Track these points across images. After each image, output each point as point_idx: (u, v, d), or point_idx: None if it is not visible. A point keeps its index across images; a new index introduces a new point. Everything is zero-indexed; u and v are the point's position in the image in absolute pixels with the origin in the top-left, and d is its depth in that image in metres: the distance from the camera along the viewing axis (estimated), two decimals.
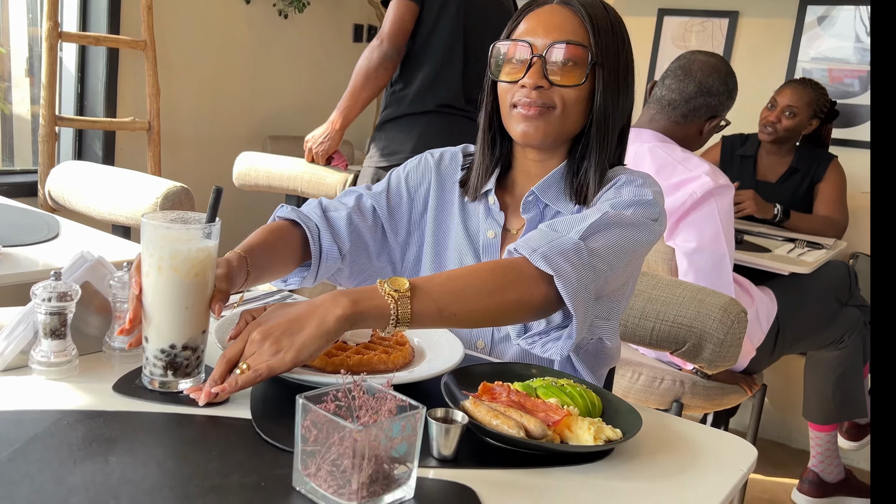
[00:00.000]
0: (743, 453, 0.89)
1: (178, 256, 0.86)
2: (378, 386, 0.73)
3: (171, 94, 3.23)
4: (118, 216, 1.80)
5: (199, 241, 0.87)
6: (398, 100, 2.35)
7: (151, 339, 0.88)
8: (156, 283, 0.87)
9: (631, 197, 1.09)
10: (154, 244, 0.86)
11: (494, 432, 0.81)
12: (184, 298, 0.87)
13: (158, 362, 0.88)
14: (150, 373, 0.89)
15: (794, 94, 2.95)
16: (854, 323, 2.59)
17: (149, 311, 0.88)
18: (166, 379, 0.89)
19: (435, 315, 0.92)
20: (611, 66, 1.11)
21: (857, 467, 3.00)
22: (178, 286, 0.86)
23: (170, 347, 0.88)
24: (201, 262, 0.87)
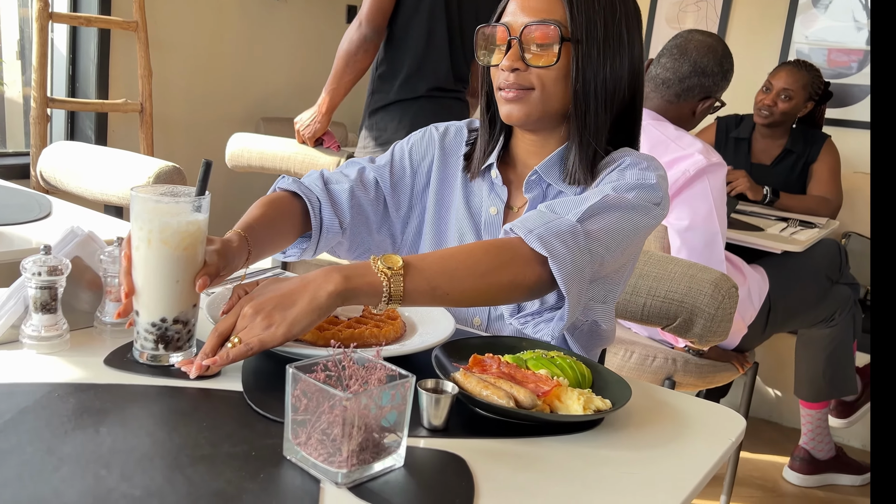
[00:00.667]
0: (732, 423, 0.89)
1: (168, 230, 0.86)
2: (368, 356, 0.74)
3: (164, 75, 3.22)
4: (110, 196, 1.80)
5: (188, 215, 0.87)
6: (386, 86, 2.32)
7: (142, 312, 0.89)
8: (146, 256, 0.87)
9: (634, 180, 1.09)
10: (143, 217, 0.86)
11: (484, 402, 0.81)
12: (174, 272, 0.87)
13: (149, 336, 0.89)
14: (140, 346, 0.90)
15: (790, 77, 2.95)
16: (844, 301, 2.60)
17: (139, 285, 0.88)
18: (157, 352, 0.89)
19: (427, 293, 0.92)
20: (592, 41, 1.09)
21: (847, 444, 3.03)
22: (168, 259, 0.87)
23: (160, 321, 0.88)
24: (191, 235, 0.87)
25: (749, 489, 2.71)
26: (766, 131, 3.06)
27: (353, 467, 0.68)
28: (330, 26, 4.18)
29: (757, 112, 3.00)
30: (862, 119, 3.52)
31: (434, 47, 2.28)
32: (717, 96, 2.13)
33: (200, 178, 0.91)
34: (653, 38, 3.95)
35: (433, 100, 2.30)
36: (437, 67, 2.29)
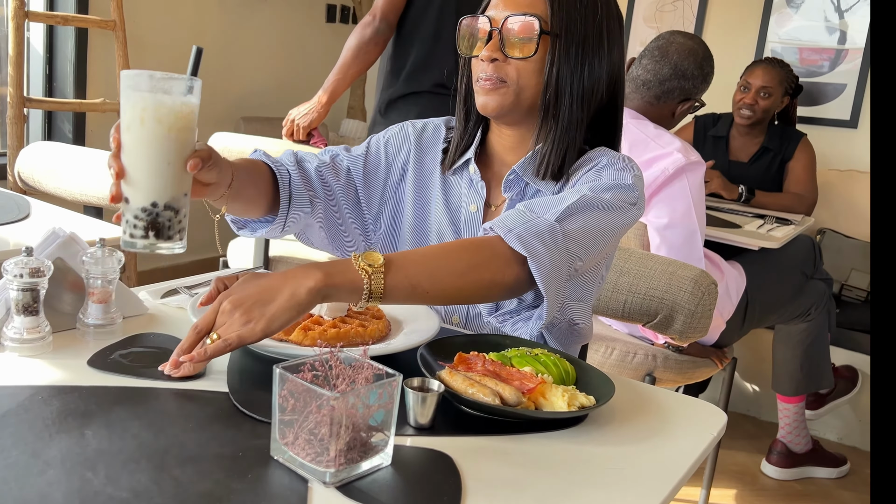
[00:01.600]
0: (713, 418, 0.91)
1: (163, 108, 0.82)
2: (355, 355, 0.74)
3: None
4: (90, 197, 1.78)
5: (182, 95, 0.84)
6: (394, 80, 2.35)
7: (132, 198, 0.84)
8: (138, 136, 0.82)
9: (610, 180, 1.10)
10: (136, 95, 0.82)
11: (470, 400, 0.82)
12: (166, 153, 0.83)
13: (139, 223, 0.84)
14: (130, 236, 0.85)
15: (767, 75, 2.99)
16: (819, 296, 2.64)
17: (129, 169, 0.83)
18: (147, 241, 0.85)
19: (408, 291, 0.92)
20: (571, 36, 1.10)
21: (823, 437, 3.08)
22: (161, 140, 0.82)
23: (151, 206, 0.84)
24: (185, 116, 0.84)
25: (728, 483, 2.74)
26: (743, 129, 3.09)
27: (340, 467, 0.68)
28: (310, 26, 4.17)
29: (737, 112, 3.03)
30: (834, 117, 3.58)
31: (441, 45, 2.30)
32: (696, 98, 2.16)
33: (192, 63, 0.88)
34: (630, 37, 3.98)
35: (438, 97, 2.32)
36: (443, 64, 2.30)
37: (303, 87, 4.16)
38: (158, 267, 3.56)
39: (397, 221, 1.28)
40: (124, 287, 1.04)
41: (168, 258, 3.65)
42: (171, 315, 1.08)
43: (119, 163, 0.85)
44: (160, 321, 1.06)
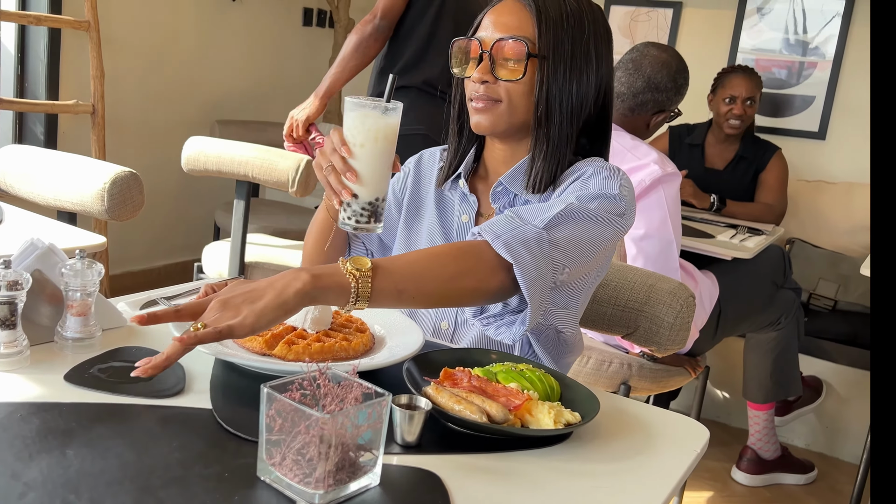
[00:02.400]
0: (695, 434, 0.92)
1: (388, 129, 1.04)
2: (343, 374, 0.74)
3: (116, 76, 3.15)
4: (64, 202, 1.75)
5: (397, 118, 1.06)
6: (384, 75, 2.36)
7: (361, 195, 1.05)
8: (372, 150, 1.04)
9: (596, 190, 1.11)
10: (370, 120, 1.04)
11: (457, 417, 0.82)
12: (387, 161, 1.06)
13: (365, 212, 1.06)
14: (356, 222, 1.06)
15: (749, 84, 3.04)
16: (789, 305, 2.69)
17: (363, 174, 1.05)
18: (370, 225, 1.06)
19: (394, 295, 0.93)
20: (558, 57, 1.13)
21: (791, 444, 3.13)
22: (387, 152, 1.05)
23: (375, 200, 1.06)
24: (395, 133, 1.07)
25: (699, 489, 2.77)
26: (719, 137, 3.14)
27: (329, 488, 0.67)
28: (286, 29, 4.15)
29: (725, 124, 3.06)
30: (802, 129, 3.65)
31: (434, 46, 2.37)
32: (670, 110, 2.18)
33: (389, 92, 1.08)
34: None
35: (425, 95, 2.37)
36: (434, 64, 2.36)
37: (279, 91, 4.14)
38: (129, 271, 3.51)
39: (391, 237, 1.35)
40: (103, 299, 1.02)
41: (141, 263, 3.60)
42: (151, 328, 1.06)
43: (353, 169, 1.03)
44: (140, 334, 1.04)
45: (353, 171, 1.04)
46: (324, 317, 1.02)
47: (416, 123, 2.34)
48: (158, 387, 0.87)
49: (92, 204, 1.71)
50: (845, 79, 3.57)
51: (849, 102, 3.57)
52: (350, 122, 1.05)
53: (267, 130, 3.93)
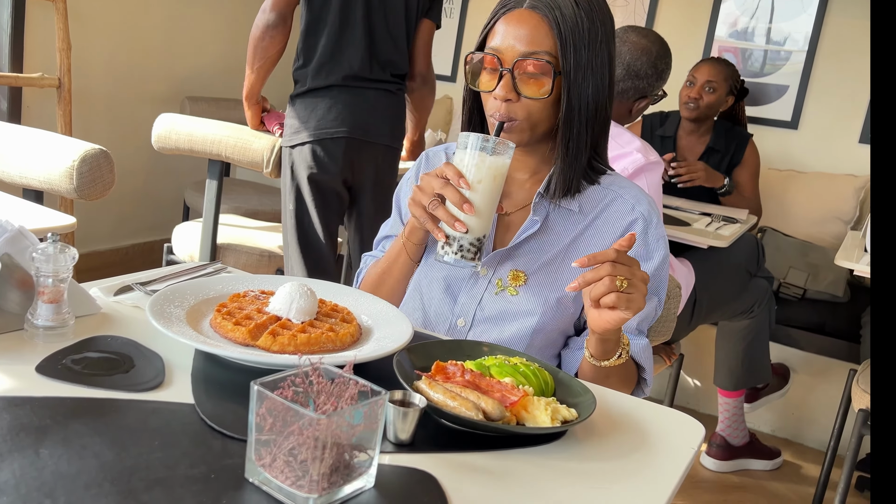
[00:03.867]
0: (691, 430, 0.90)
1: (503, 168, 1.08)
2: (337, 370, 0.70)
3: (83, 49, 3.04)
4: (30, 180, 1.68)
5: (509, 158, 1.09)
6: (301, 75, 2.27)
7: (473, 230, 1.07)
8: (489, 188, 1.07)
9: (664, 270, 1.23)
10: (490, 159, 1.07)
11: (452, 415, 0.79)
12: (496, 201, 1.10)
13: (472, 248, 1.08)
14: (461, 257, 1.08)
15: (712, 70, 3.03)
16: (762, 293, 2.71)
17: (479, 207, 1.06)
18: (474, 262, 1.08)
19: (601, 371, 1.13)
20: (578, 69, 1.13)
21: (758, 430, 3.17)
22: (498, 191, 1.09)
23: (483, 237, 1.08)
24: (507, 169, 1.10)
25: None
26: (690, 128, 3.13)
27: (323, 491, 0.64)
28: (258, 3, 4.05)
29: (683, 106, 3.07)
30: (775, 118, 3.67)
31: (349, 35, 2.21)
32: (652, 95, 2.16)
33: (497, 133, 1.13)
34: None
35: (349, 90, 2.22)
36: (352, 56, 2.21)
37: None
38: (95, 250, 3.42)
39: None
40: (76, 285, 0.97)
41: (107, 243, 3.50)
42: (127, 315, 1.02)
43: (470, 201, 1.06)
44: (115, 321, 0.99)
45: (470, 203, 1.06)
46: (309, 305, 0.98)
47: (337, 124, 2.20)
48: (136, 379, 0.83)
49: (60, 182, 1.64)
50: (819, 68, 3.59)
51: (822, 92, 3.59)
52: (468, 159, 1.08)
53: (238, 108, 3.82)
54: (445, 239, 1.08)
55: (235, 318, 0.95)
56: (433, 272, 1.26)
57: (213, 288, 1.07)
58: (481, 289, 1.23)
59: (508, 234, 1.25)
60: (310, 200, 2.25)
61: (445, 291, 1.24)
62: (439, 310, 1.25)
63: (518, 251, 1.22)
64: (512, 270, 1.21)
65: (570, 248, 1.22)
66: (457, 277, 1.24)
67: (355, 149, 2.23)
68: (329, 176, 2.23)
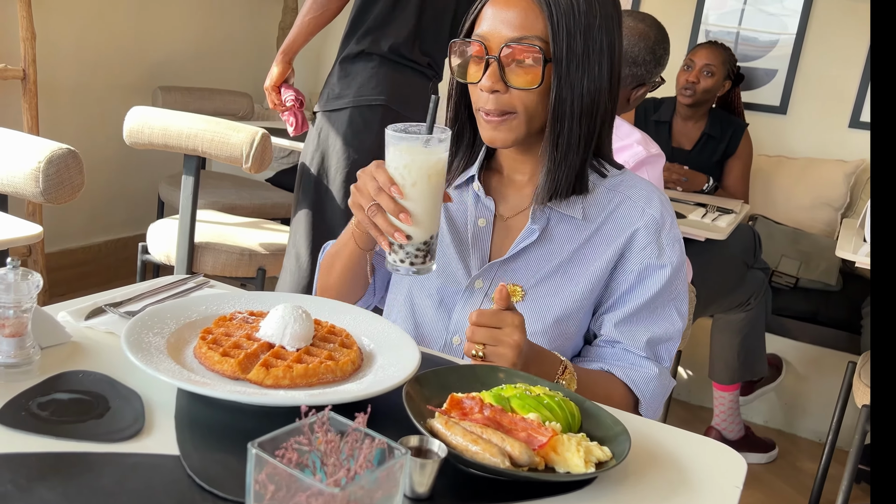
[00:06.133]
0: (733, 465, 0.82)
1: (440, 164, 0.97)
2: (347, 421, 0.61)
3: (48, 37, 2.88)
4: None
5: (444, 148, 0.98)
6: (349, 37, 2.24)
7: (416, 235, 0.98)
8: (425, 189, 0.97)
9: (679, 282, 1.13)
10: (421, 159, 0.96)
11: (475, 462, 0.70)
12: (439, 196, 0.99)
13: (420, 253, 0.99)
14: (410, 264, 1.00)
15: (710, 54, 2.97)
16: (759, 285, 2.66)
17: (417, 214, 0.97)
18: (425, 265, 1.00)
19: None
20: (571, 56, 1.01)
21: (750, 421, 3.13)
22: (439, 188, 0.99)
23: (430, 238, 0.99)
24: (446, 164, 1.00)
25: None
26: (686, 113, 3.06)
27: None
28: None
29: (681, 91, 2.99)
30: (764, 103, 3.61)
31: (399, 9, 2.21)
32: (651, 82, 2.07)
33: (432, 115, 0.98)
34: None
35: (389, 62, 2.22)
36: (400, 29, 2.21)
37: (225, 55, 3.89)
38: (66, 248, 3.27)
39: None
40: (42, 312, 0.87)
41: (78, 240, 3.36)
42: (100, 342, 0.91)
43: (405, 210, 0.97)
44: (86, 352, 0.88)
45: (406, 212, 0.97)
46: (305, 331, 0.89)
47: (377, 93, 2.20)
48: (113, 426, 0.72)
49: (25, 185, 1.52)
50: (808, 53, 3.53)
51: (811, 77, 3.53)
52: (397, 159, 0.97)
53: (213, 98, 3.70)
54: (390, 247, 1.00)
55: (223, 348, 0.85)
56: (425, 284, 1.16)
57: (195, 309, 0.96)
58: (476, 303, 1.13)
59: (506, 241, 1.15)
60: (336, 168, 2.22)
61: (439, 306, 1.15)
62: (433, 326, 1.15)
63: (516, 262, 1.12)
64: (509, 284, 1.11)
65: (573, 260, 1.11)
66: (450, 291, 1.15)
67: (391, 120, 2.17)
68: (363, 145, 2.20)
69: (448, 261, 1.16)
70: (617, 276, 1.12)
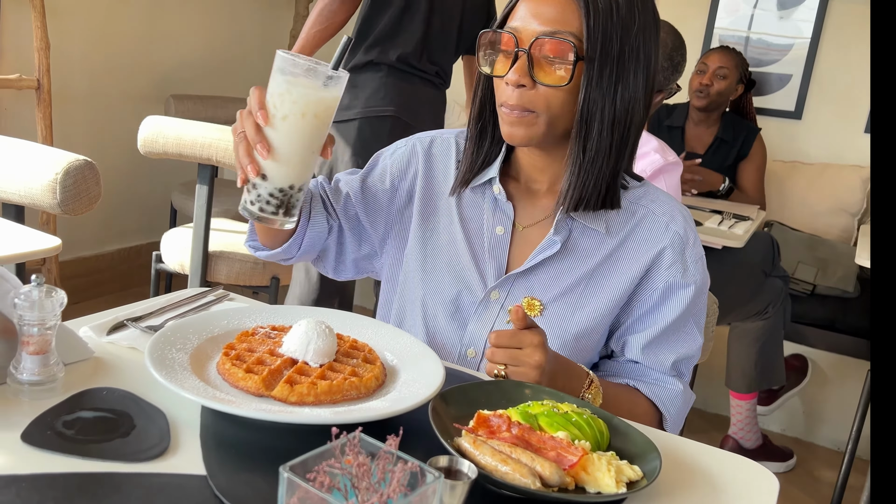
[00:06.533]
0: (765, 483, 0.80)
1: (322, 104, 0.86)
2: (378, 443, 0.60)
3: (62, 47, 2.90)
4: (10, 194, 1.55)
5: (336, 90, 0.87)
6: (357, 47, 2.24)
7: (273, 177, 0.88)
8: (298, 128, 0.86)
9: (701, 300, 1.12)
10: (300, 91, 0.85)
11: (505, 483, 0.69)
12: (317, 144, 0.89)
13: (273, 200, 0.88)
14: (259, 209, 0.89)
15: (723, 57, 2.97)
16: (777, 293, 2.63)
17: (280, 152, 0.86)
18: (276, 217, 0.89)
19: None
20: (605, 58, 0.97)
21: (767, 429, 3.10)
22: (316, 132, 0.87)
23: (289, 188, 0.89)
24: (333, 110, 0.89)
25: None
26: (699, 117, 3.05)
27: None
28: None
29: (695, 94, 2.99)
30: (778, 108, 3.58)
31: (408, 19, 2.21)
32: (668, 89, 2.06)
33: (339, 54, 0.89)
34: None
35: (398, 72, 2.21)
36: (408, 40, 2.20)
37: (237, 63, 3.90)
38: (80, 256, 3.28)
39: (402, 242, 1.17)
40: (66, 328, 0.86)
41: (92, 248, 3.37)
42: (123, 358, 0.91)
43: (266, 141, 0.87)
44: (109, 368, 0.88)
45: (266, 143, 0.87)
46: (328, 346, 0.88)
47: (386, 103, 2.20)
48: (138, 445, 0.72)
49: (42, 197, 1.52)
50: (823, 57, 3.50)
51: (826, 81, 3.51)
52: (275, 85, 0.86)
53: (227, 106, 3.70)
54: (245, 183, 0.90)
55: (246, 364, 0.84)
56: (440, 291, 1.12)
57: (217, 324, 0.96)
58: (492, 315, 1.09)
59: (524, 252, 1.11)
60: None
61: (452, 316, 1.11)
62: (447, 337, 1.12)
63: (534, 273, 1.09)
64: (527, 298, 1.08)
65: (595, 276, 1.08)
66: (465, 301, 1.11)
67: (400, 130, 2.21)
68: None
69: (463, 269, 1.12)
70: (640, 293, 1.09)
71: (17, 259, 1.07)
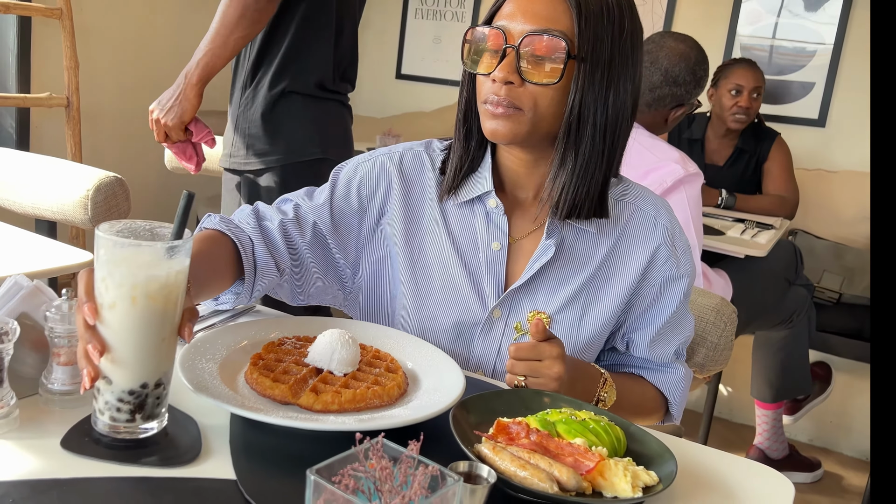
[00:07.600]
0: (781, 490, 0.81)
1: (155, 283, 0.71)
2: (400, 448, 0.62)
3: (91, 67, 2.97)
4: (43, 211, 1.61)
5: (177, 262, 0.72)
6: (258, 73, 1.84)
7: (117, 379, 0.73)
8: (129, 316, 0.71)
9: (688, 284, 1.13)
10: (123, 271, 0.70)
11: (523, 487, 0.71)
12: (160, 329, 0.73)
13: (124, 406, 0.74)
14: (110, 419, 0.74)
15: (755, 75, 2.96)
16: (802, 302, 2.62)
17: (116, 349, 0.72)
18: (132, 424, 0.75)
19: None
20: (597, 59, 0.96)
21: (794, 439, 3.07)
22: (156, 317, 0.72)
23: (140, 388, 0.74)
24: (179, 285, 0.73)
25: None
26: (722, 131, 3.04)
27: None
28: None
29: (732, 118, 2.95)
30: (802, 116, 3.57)
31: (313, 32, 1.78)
32: (689, 103, 2.07)
33: (181, 215, 0.74)
34: None
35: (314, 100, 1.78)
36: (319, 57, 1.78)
37: None
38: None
39: (385, 265, 1.13)
40: None
41: None
42: None
43: (100, 339, 0.72)
44: None
45: (98, 342, 0.72)
46: (352, 356, 0.90)
47: (312, 145, 1.76)
48: (171, 452, 0.75)
49: (74, 212, 1.57)
50: (846, 64, 3.48)
51: (849, 89, 3.49)
52: (98, 267, 0.71)
53: None
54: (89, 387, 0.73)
55: (273, 373, 0.87)
56: (436, 319, 1.08)
57: (244, 335, 0.99)
58: (498, 335, 1.08)
59: (520, 264, 1.08)
60: None
61: (456, 341, 1.09)
62: (457, 356, 1.09)
63: (535, 285, 1.07)
64: (532, 312, 1.07)
65: (595, 281, 1.07)
66: (467, 324, 1.08)
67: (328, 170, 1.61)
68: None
69: (458, 291, 1.08)
70: (640, 291, 1.10)
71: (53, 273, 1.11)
